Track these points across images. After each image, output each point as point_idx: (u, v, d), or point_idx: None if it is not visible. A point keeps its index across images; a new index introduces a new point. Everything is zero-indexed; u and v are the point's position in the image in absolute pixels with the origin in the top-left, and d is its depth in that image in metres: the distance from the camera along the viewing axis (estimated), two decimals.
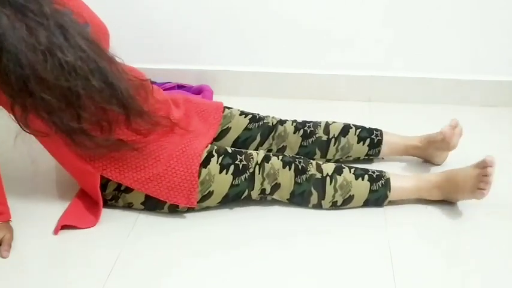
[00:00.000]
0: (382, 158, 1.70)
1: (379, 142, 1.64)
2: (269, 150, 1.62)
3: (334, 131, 1.64)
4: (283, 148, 1.63)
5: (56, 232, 1.40)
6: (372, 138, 1.64)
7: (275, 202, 1.50)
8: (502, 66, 2.02)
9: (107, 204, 1.47)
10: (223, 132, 1.63)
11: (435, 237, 1.41)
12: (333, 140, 1.63)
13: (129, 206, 1.48)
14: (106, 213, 1.45)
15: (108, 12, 1.49)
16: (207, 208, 1.48)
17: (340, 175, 1.47)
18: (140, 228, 1.43)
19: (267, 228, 1.44)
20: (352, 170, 1.49)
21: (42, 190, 1.58)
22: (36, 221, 1.45)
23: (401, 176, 1.52)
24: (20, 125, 1.27)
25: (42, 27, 1.20)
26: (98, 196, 1.43)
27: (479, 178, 1.41)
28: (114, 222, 1.45)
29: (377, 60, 2.06)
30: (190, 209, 1.46)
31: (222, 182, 1.43)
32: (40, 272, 1.31)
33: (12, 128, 1.26)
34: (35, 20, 1.20)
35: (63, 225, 1.41)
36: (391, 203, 1.49)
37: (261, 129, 1.64)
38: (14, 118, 1.27)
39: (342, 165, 1.51)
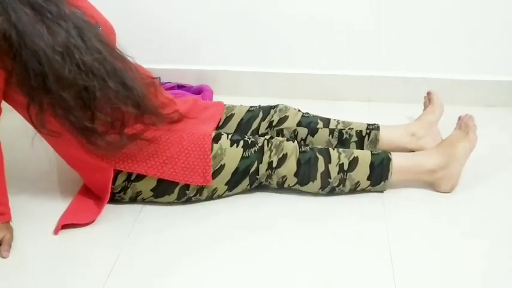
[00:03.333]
0: None
1: (376, 125, 1.68)
2: (271, 123, 1.65)
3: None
4: (285, 118, 1.66)
5: (56, 232, 1.41)
6: (368, 123, 1.69)
7: (274, 196, 1.50)
8: (502, 66, 2.02)
9: (113, 198, 1.47)
10: (228, 119, 1.68)
11: (435, 237, 1.41)
12: (332, 119, 1.69)
13: (136, 196, 1.48)
14: (106, 212, 1.45)
15: (108, 12, 1.49)
16: (207, 207, 1.48)
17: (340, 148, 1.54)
18: (140, 228, 1.44)
19: (267, 224, 1.45)
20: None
21: (42, 190, 1.59)
22: (36, 221, 1.45)
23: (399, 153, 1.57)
24: (34, 125, 1.29)
25: (60, 28, 1.25)
26: (107, 191, 1.43)
27: (465, 129, 1.57)
28: (114, 221, 1.45)
29: (377, 60, 2.06)
30: (198, 192, 1.47)
31: (233, 155, 1.46)
32: (40, 272, 1.31)
33: (15, 129, 1.26)
34: (53, 21, 1.24)
35: (64, 225, 1.41)
36: (391, 198, 1.49)
37: (262, 108, 1.70)
38: (28, 119, 1.30)
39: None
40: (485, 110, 2.02)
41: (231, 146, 1.47)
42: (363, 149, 1.64)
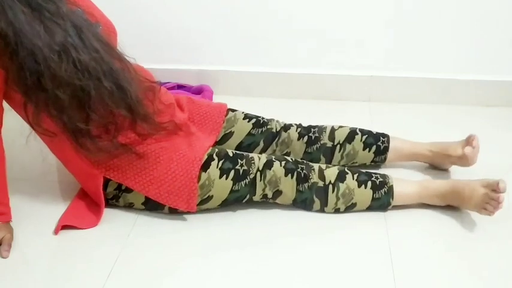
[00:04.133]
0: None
1: (386, 149, 1.61)
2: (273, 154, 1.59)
3: (340, 137, 1.61)
4: (287, 154, 1.61)
5: (56, 232, 1.41)
6: (378, 145, 1.61)
7: (276, 204, 1.49)
8: (502, 66, 2.02)
9: (108, 203, 1.47)
10: (226, 136, 1.62)
11: (435, 237, 1.41)
12: (338, 146, 1.60)
13: (130, 206, 1.48)
14: (106, 213, 1.45)
15: (108, 11, 1.49)
16: (208, 211, 1.47)
17: (342, 182, 1.45)
18: (140, 228, 1.43)
19: (268, 229, 1.44)
20: (356, 176, 1.47)
21: (42, 190, 1.58)
22: (36, 220, 1.45)
23: (405, 181, 1.50)
24: (30, 124, 1.29)
25: (58, 27, 1.24)
26: (100, 198, 1.43)
27: (487, 199, 1.39)
28: (114, 222, 1.45)
29: (377, 60, 2.06)
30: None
31: (222, 187, 1.42)
32: (40, 272, 1.31)
33: (15, 129, 1.26)
34: (51, 19, 1.23)
35: (64, 225, 1.41)
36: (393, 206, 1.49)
37: (264, 134, 1.62)
38: (25, 118, 1.29)
39: (346, 169, 1.49)
40: (485, 110, 2.02)
41: (220, 177, 1.41)
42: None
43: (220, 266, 1.31)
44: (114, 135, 1.34)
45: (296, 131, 1.62)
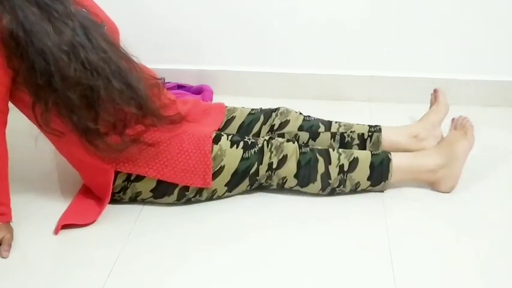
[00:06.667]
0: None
1: (378, 127, 1.66)
2: (272, 126, 1.64)
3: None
4: (286, 122, 1.65)
5: (56, 232, 1.41)
6: (370, 125, 1.68)
7: (275, 196, 1.50)
8: (502, 66, 2.02)
9: (113, 198, 1.47)
10: (229, 122, 1.67)
11: (435, 237, 1.41)
12: (333, 122, 1.68)
13: (136, 197, 1.48)
14: (106, 212, 1.45)
15: (108, 11, 1.49)
16: (208, 207, 1.48)
17: (341, 149, 1.54)
18: (141, 228, 1.44)
19: (267, 223, 1.45)
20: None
21: (42, 190, 1.58)
22: (36, 220, 1.45)
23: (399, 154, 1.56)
24: (38, 124, 1.29)
25: (67, 27, 1.26)
26: (108, 192, 1.43)
27: (461, 132, 1.56)
28: (114, 221, 1.45)
29: (377, 60, 2.06)
30: (197, 193, 1.47)
31: (233, 156, 1.46)
32: (40, 272, 1.31)
33: (15, 129, 1.26)
34: (60, 19, 1.25)
35: (64, 225, 1.41)
36: (391, 198, 1.49)
37: (263, 111, 1.68)
38: (32, 118, 1.31)
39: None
40: (485, 110, 2.02)
41: (231, 147, 1.47)
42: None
43: (221, 265, 1.31)
44: (122, 130, 1.35)
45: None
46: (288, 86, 2.12)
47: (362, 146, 1.63)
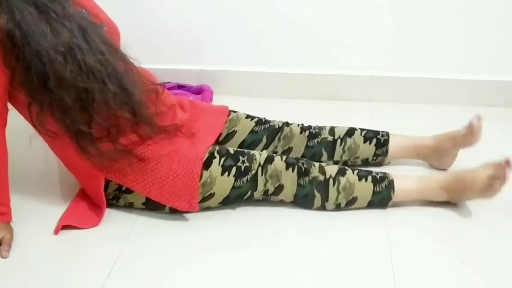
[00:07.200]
0: (389, 163, 1.67)
1: (386, 141, 1.62)
2: (274, 152, 1.59)
3: (340, 132, 1.62)
4: (289, 149, 1.62)
5: (56, 232, 1.41)
6: (378, 138, 1.62)
7: (276, 202, 1.49)
8: (502, 66, 2.02)
9: (108, 203, 1.47)
10: (229, 136, 1.62)
11: (436, 237, 1.41)
12: (339, 140, 1.61)
13: (130, 206, 1.48)
14: (106, 213, 1.45)
15: (108, 12, 1.49)
16: (208, 208, 1.48)
17: (343, 176, 1.45)
18: (140, 228, 1.44)
19: (267, 228, 1.44)
20: (356, 172, 1.47)
21: (42, 190, 1.58)
22: (36, 220, 1.45)
23: (405, 176, 1.50)
24: (34, 124, 1.30)
25: (64, 28, 1.25)
26: (102, 199, 1.42)
27: (491, 180, 1.39)
28: (114, 222, 1.45)
29: (377, 60, 2.06)
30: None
31: (224, 185, 1.42)
32: (40, 272, 1.31)
33: (15, 129, 1.26)
34: (58, 20, 1.25)
35: (64, 225, 1.41)
36: (394, 203, 1.49)
37: (267, 131, 1.63)
38: (28, 118, 1.30)
39: (346, 167, 1.49)
40: (485, 110, 2.01)
41: (222, 174, 1.41)
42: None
43: (220, 265, 1.31)
44: (116, 137, 1.34)
45: (298, 126, 1.64)
46: (288, 86, 2.12)
47: (365, 166, 1.60)
